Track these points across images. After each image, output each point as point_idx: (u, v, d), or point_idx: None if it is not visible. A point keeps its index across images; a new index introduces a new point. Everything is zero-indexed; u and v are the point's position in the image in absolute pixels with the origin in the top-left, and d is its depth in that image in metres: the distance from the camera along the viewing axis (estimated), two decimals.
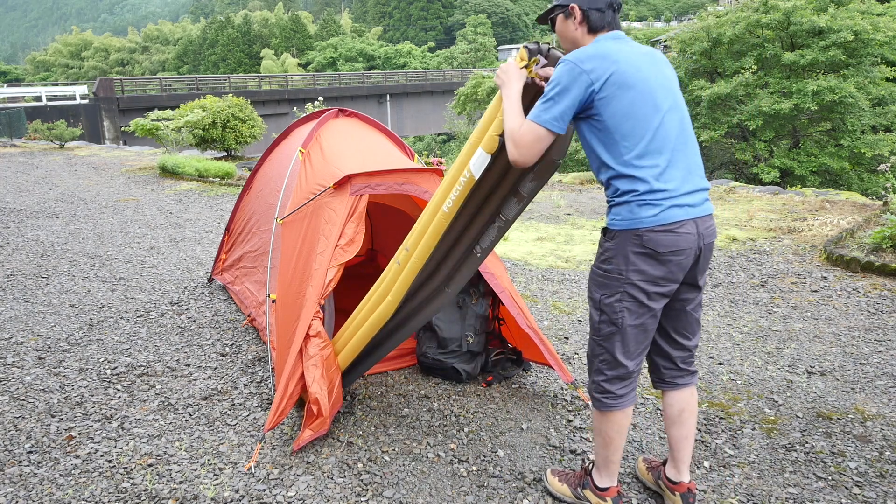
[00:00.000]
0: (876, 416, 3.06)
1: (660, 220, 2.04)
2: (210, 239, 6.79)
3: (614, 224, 2.11)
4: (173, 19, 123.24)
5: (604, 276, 2.15)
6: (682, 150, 2.12)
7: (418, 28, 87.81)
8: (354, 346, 2.90)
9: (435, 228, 2.51)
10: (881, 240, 5.54)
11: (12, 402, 3.27)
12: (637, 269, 2.08)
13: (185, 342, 4.03)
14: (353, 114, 4.16)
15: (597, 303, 2.19)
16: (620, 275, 2.10)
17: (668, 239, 2.05)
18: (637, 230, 2.06)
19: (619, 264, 2.10)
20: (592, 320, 2.23)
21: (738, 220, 7.30)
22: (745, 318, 4.37)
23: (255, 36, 77.12)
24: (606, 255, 2.14)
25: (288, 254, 3.25)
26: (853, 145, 12.82)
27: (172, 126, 12.82)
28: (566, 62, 2.08)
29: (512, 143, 2.10)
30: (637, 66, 2.09)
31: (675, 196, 2.06)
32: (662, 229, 2.05)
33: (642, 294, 2.11)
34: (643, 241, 2.05)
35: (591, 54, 2.08)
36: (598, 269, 2.17)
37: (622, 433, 2.27)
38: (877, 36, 12.53)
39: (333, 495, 2.51)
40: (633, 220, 2.06)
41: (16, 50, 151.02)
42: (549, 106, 2.06)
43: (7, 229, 7.29)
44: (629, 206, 2.06)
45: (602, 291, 2.16)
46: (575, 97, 2.05)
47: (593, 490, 2.38)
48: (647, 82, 2.09)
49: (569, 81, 2.04)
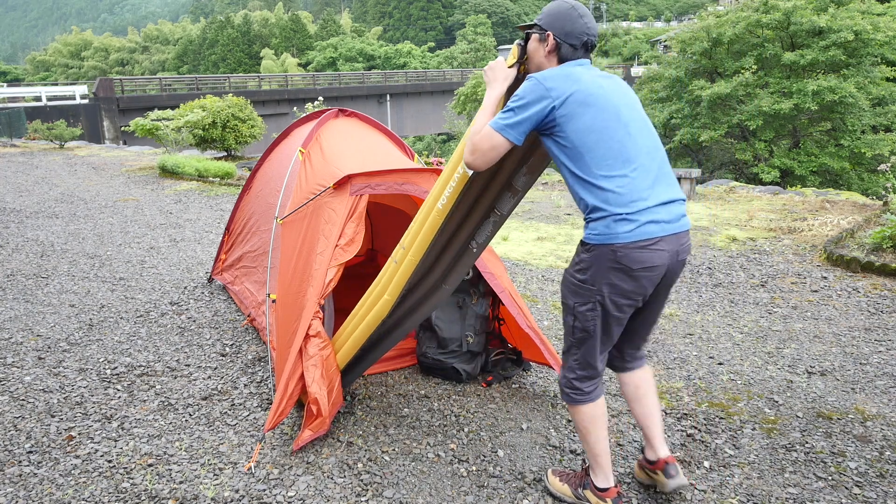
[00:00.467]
0: (876, 416, 3.06)
1: (635, 237, 2.07)
2: (210, 239, 6.79)
3: (591, 238, 2.14)
4: (173, 19, 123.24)
5: (577, 286, 2.20)
6: (651, 160, 2.15)
7: (418, 28, 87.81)
8: (353, 345, 2.90)
9: (430, 226, 2.53)
10: (881, 240, 5.54)
11: (12, 402, 3.27)
12: (609, 282, 2.13)
13: (185, 342, 4.03)
14: (353, 114, 4.16)
15: (570, 308, 2.24)
16: (593, 286, 2.15)
17: (643, 256, 2.09)
18: (612, 245, 2.08)
19: (593, 276, 2.14)
20: (566, 323, 2.29)
21: (738, 220, 7.30)
22: (745, 318, 4.37)
23: (255, 36, 77.13)
24: (581, 265, 2.18)
25: (288, 254, 3.25)
26: (853, 145, 12.82)
27: (172, 126, 12.82)
28: (531, 79, 2.17)
29: (469, 142, 2.19)
30: (599, 85, 2.16)
31: (650, 209, 2.09)
32: (637, 246, 2.08)
33: (613, 306, 2.17)
34: (617, 257, 2.09)
35: (555, 74, 2.17)
36: (573, 277, 2.22)
37: (596, 423, 2.32)
38: (877, 36, 12.54)
39: (333, 495, 2.51)
40: (609, 236, 2.08)
41: (16, 50, 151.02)
42: (509, 117, 2.13)
43: (7, 229, 7.29)
44: (605, 222, 2.09)
45: (575, 299, 2.21)
46: (535, 112, 2.12)
47: (593, 491, 2.39)
48: (609, 99, 2.15)
49: (531, 98, 2.12)
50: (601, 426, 2.34)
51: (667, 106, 14.98)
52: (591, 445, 2.35)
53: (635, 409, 2.45)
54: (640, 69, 32.92)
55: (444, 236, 2.58)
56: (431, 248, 2.59)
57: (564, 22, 2.24)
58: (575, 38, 2.24)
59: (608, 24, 79.05)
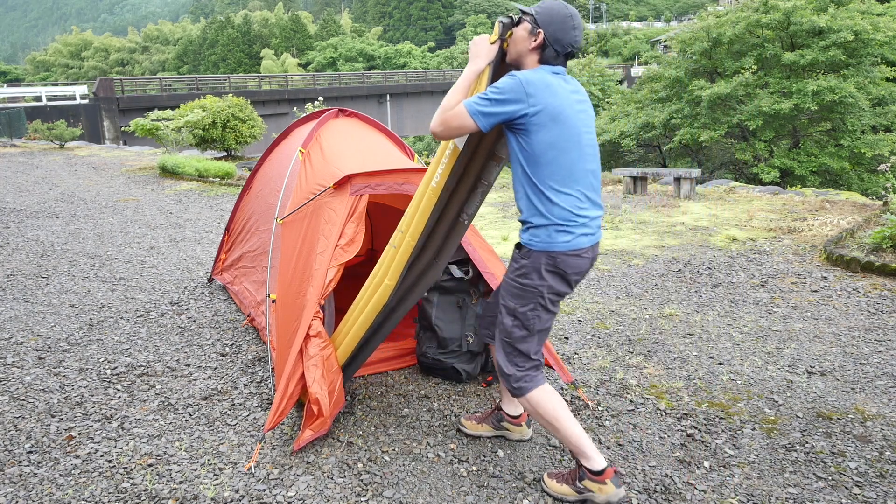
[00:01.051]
0: (876, 416, 3.06)
1: (572, 247, 2.32)
2: (210, 239, 6.79)
3: (533, 244, 2.33)
4: (173, 19, 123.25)
5: (520, 289, 2.38)
6: (592, 181, 2.37)
7: (418, 28, 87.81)
8: (355, 335, 2.89)
9: (426, 206, 2.56)
10: (881, 240, 5.55)
11: (12, 402, 3.27)
12: (548, 284, 2.35)
13: (185, 342, 4.03)
14: (353, 114, 4.16)
15: (511, 311, 2.41)
16: (535, 289, 2.35)
17: (576, 262, 2.34)
18: (552, 252, 2.31)
19: (534, 280, 2.34)
20: (505, 325, 2.44)
21: (738, 220, 7.30)
22: (745, 318, 4.37)
23: (255, 36, 77.14)
24: (523, 270, 2.36)
25: (288, 254, 3.25)
26: (853, 145, 12.83)
27: (172, 126, 12.83)
28: (514, 77, 2.26)
29: (439, 115, 2.28)
30: (570, 103, 2.30)
31: (583, 224, 2.33)
32: (573, 254, 2.32)
33: (550, 304, 2.40)
34: (556, 263, 2.32)
35: (537, 81, 2.26)
36: (515, 282, 2.39)
37: (558, 406, 2.43)
38: (877, 36, 12.54)
39: (333, 495, 2.51)
40: (550, 244, 2.31)
41: (16, 50, 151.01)
42: (486, 104, 2.24)
43: (7, 229, 7.29)
44: (548, 231, 2.30)
45: (517, 301, 2.39)
46: (509, 110, 2.23)
47: (591, 478, 2.41)
48: (576, 121, 2.30)
49: (510, 96, 2.23)
50: (564, 407, 2.45)
51: (667, 106, 14.98)
52: (565, 432, 2.43)
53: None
54: (640, 69, 32.93)
55: (435, 212, 2.62)
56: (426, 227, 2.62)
57: (558, 27, 2.32)
58: (562, 45, 2.33)
59: (608, 24, 79.07)
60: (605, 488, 2.39)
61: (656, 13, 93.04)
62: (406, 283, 2.80)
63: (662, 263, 5.71)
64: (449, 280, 3.44)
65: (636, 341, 4.01)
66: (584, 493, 2.43)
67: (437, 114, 2.29)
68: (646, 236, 6.70)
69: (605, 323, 4.32)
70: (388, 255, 2.71)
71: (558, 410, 2.42)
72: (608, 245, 6.37)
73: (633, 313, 4.49)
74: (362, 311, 2.84)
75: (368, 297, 2.81)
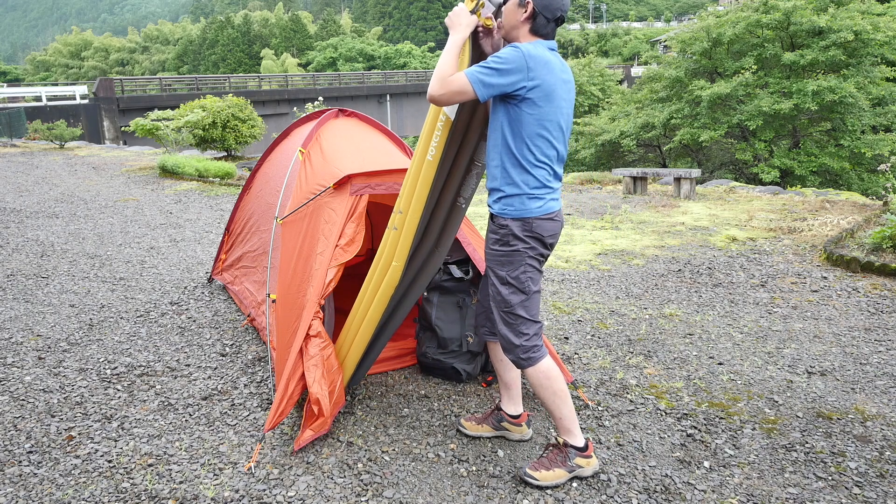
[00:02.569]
0: (876, 416, 3.06)
1: (544, 211, 2.44)
2: (210, 239, 6.79)
3: (506, 213, 2.44)
4: (173, 19, 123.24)
5: (506, 256, 2.47)
6: (562, 159, 2.49)
7: (418, 28, 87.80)
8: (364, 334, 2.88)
9: (424, 180, 2.58)
10: (881, 240, 5.55)
11: (12, 402, 3.27)
12: (530, 246, 2.45)
13: (185, 342, 4.03)
14: (353, 114, 4.16)
15: (503, 279, 2.49)
16: (519, 252, 2.45)
17: (550, 225, 2.47)
18: (527, 219, 2.43)
19: (517, 245, 2.45)
20: (500, 295, 2.49)
21: (738, 220, 7.30)
22: (745, 318, 4.37)
23: (255, 36, 77.13)
24: (504, 238, 2.46)
25: (288, 254, 3.25)
26: (853, 145, 12.82)
27: (172, 126, 12.83)
28: (518, 49, 2.30)
29: (438, 82, 2.31)
30: (562, 82, 2.39)
31: (552, 192, 2.47)
32: (546, 217, 2.44)
33: (537, 262, 2.50)
34: (532, 227, 2.43)
35: (537, 56, 2.31)
36: (499, 251, 2.48)
37: (560, 378, 2.53)
38: (877, 36, 12.53)
39: (333, 495, 2.51)
40: (523, 211, 2.42)
41: (16, 50, 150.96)
42: (489, 74, 2.27)
43: (7, 229, 7.29)
44: (521, 199, 2.41)
45: (507, 269, 2.47)
46: (510, 82, 2.28)
47: (580, 455, 2.55)
48: (563, 101, 2.40)
49: (513, 66, 2.27)
50: (563, 380, 2.54)
51: (667, 106, 14.97)
52: (565, 409, 2.54)
53: (509, 373, 2.80)
54: (640, 69, 32.93)
55: (433, 196, 2.64)
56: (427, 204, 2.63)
57: None
58: (551, 11, 2.38)
59: (608, 24, 79.02)
60: (591, 461, 2.59)
61: (656, 13, 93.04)
62: (410, 273, 2.79)
63: (662, 263, 5.71)
64: (449, 280, 3.44)
65: (636, 341, 4.00)
66: (576, 470, 2.55)
67: (436, 79, 2.32)
68: (646, 236, 6.70)
69: (605, 323, 4.32)
70: (391, 238, 2.71)
71: (563, 383, 2.52)
72: (608, 245, 6.37)
73: (633, 313, 4.49)
74: (368, 306, 2.83)
75: (375, 286, 2.80)
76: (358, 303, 2.91)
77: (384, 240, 2.74)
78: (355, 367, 3.01)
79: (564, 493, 2.50)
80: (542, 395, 2.52)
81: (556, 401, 2.51)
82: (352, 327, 2.96)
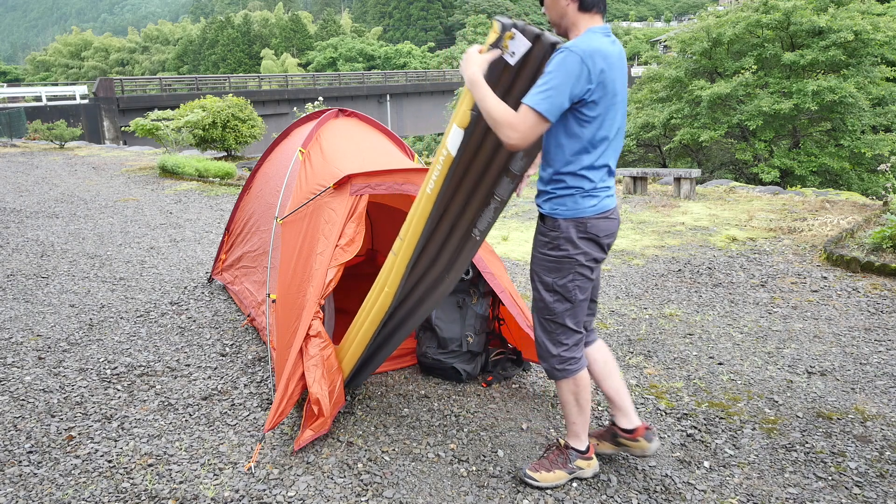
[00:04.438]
0: (876, 416, 3.06)
1: (599, 209, 2.31)
2: (210, 239, 6.79)
3: (558, 213, 2.30)
4: (173, 19, 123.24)
5: (555, 262, 2.34)
6: (616, 156, 2.37)
7: (418, 28, 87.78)
8: (358, 346, 2.90)
9: (421, 213, 2.53)
10: (881, 240, 5.55)
11: (12, 402, 3.27)
12: (583, 251, 2.32)
13: (185, 342, 4.03)
14: (353, 114, 4.16)
15: (549, 286, 2.37)
16: (571, 258, 2.32)
17: (606, 224, 2.33)
18: (581, 219, 2.29)
19: (568, 249, 2.31)
20: (544, 301, 2.39)
21: (738, 220, 7.30)
22: (745, 318, 4.37)
23: (255, 36, 77.12)
24: (555, 242, 2.33)
25: (288, 254, 3.25)
26: (853, 145, 12.82)
27: (172, 126, 12.83)
28: (570, 53, 2.09)
29: (508, 128, 2.11)
30: (621, 72, 2.23)
31: (606, 188, 2.34)
32: (601, 217, 2.31)
33: (588, 271, 2.37)
34: (588, 228, 2.30)
35: (594, 51, 2.11)
36: (547, 256, 2.35)
37: (588, 387, 2.48)
38: (877, 36, 12.53)
39: (333, 495, 2.51)
40: (577, 210, 2.29)
41: (16, 50, 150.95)
42: (550, 95, 2.09)
43: (7, 229, 7.29)
44: (573, 198, 2.28)
45: (554, 275, 2.36)
46: (575, 92, 2.11)
47: (581, 457, 2.54)
48: (622, 96, 2.26)
49: (573, 74, 2.08)
50: (590, 390, 2.49)
51: (667, 106, 14.97)
52: (581, 415, 2.48)
53: (609, 383, 2.59)
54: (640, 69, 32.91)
55: (443, 224, 2.60)
56: (431, 236, 2.61)
57: None
58: None
59: (608, 23, 78.88)
60: (592, 463, 2.57)
61: (656, 13, 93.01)
62: (415, 295, 2.78)
63: (662, 263, 5.71)
64: None
65: (636, 341, 4.00)
66: (576, 472, 2.55)
67: (504, 127, 2.10)
68: (646, 236, 6.70)
69: (605, 323, 4.32)
70: (388, 262, 2.70)
71: (589, 393, 2.47)
72: None
73: (633, 313, 4.49)
74: (364, 321, 2.84)
75: (370, 306, 2.81)
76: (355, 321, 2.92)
77: (385, 265, 2.73)
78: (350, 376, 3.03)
79: (564, 493, 2.50)
80: (564, 400, 2.48)
81: (575, 409, 2.48)
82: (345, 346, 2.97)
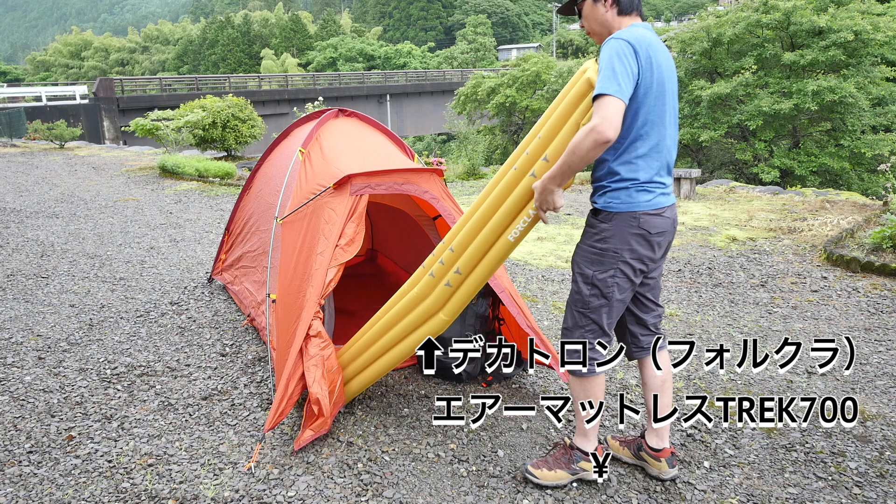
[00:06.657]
0: (876, 416, 3.06)
1: (653, 205, 2.26)
2: (210, 239, 6.79)
3: (611, 206, 2.26)
4: (173, 19, 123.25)
5: (599, 254, 2.30)
6: (671, 148, 2.31)
7: (418, 28, 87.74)
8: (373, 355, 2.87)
9: (497, 255, 2.46)
10: (881, 240, 5.55)
11: (12, 402, 3.27)
12: (630, 248, 2.26)
13: (185, 342, 4.03)
14: (353, 114, 4.16)
15: (588, 278, 2.33)
16: (616, 253, 2.27)
17: (659, 222, 2.27)
18: (635, 213, 2.24)
19: (616, 244, 2.26)
20: (580, 294, 2.36)
21: (738, 220, 7.30)
22: (745, 318, 4.37)
23: (255, 36, 77.10)
24: (603, 234, 2.28)
25: (288, 254, 3.25)
26: (853, 145, 12.81)
27: (172, 126, 12.83)
28: (616, 40, 2.10)
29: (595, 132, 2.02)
30: (668, 62, 2.21)
31: (662, 185, 2.30)
32: (654, 213, 2.26)
33: (632, 271, 2.30)
34: (640, 223, 2.24)
35: (638, 36, 2.13)
36: (593, 247, 2.31)
37: (603, 390, 2.47)
38: (877, 36, 12.53)
39: (333, 495, 2.51)
40: (631, 204, 2.24)
41: (16, 50, 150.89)
42: (614, 76, 2.05)
43: (7, 229, 7.29)
44: (628, 192, 2.23)
45: (595, 268, 2.31)
46: (631, 68, 2.09)
47: (585, 459, 2.51)
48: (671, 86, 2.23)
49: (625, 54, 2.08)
50: (603, 392, 2.47)
51: None
52: (594, 414, 2.44)
53: (661, 399, 2.52)
54: None
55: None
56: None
57: None
58: None
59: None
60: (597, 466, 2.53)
61: (656, 13, 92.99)
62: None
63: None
64: None
65: None
66: (580, 473, 2.52)
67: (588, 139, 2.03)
68: None
69: None
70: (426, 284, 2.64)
71: (603, 395, 2.46)
72: None
73: None
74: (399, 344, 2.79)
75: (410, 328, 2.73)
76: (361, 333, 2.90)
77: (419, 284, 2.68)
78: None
79: (564, 493, 2.50)
80: (577, 398, 2.45)
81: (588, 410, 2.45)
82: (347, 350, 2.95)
